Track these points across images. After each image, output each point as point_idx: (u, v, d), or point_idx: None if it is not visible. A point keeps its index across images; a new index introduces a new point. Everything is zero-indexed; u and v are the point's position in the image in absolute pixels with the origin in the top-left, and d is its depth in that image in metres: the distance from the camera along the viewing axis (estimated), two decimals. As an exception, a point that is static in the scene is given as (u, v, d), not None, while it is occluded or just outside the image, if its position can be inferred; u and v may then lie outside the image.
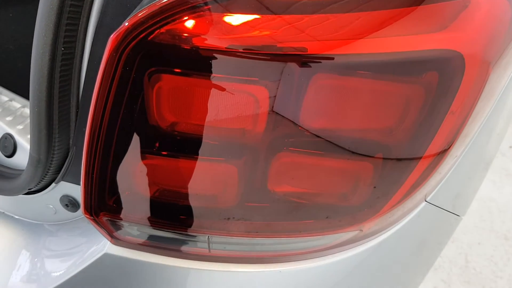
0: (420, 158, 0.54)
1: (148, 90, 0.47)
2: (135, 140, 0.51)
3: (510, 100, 0.79)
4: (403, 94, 0.49)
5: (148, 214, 0.57)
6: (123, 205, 0.57)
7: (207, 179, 0.54)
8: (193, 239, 0.60)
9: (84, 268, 0.67)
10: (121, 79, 0.46)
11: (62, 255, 0.76)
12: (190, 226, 0.58)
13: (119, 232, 0.62)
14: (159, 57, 0.46)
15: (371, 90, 0.48)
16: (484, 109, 0.64)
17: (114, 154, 0.52)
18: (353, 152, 0.52)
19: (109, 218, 0.59)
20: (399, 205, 0.59)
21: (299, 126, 0.50)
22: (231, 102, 0.48)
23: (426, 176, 0.58)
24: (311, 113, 0.49)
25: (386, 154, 0.53)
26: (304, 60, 0.46)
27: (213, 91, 0.47)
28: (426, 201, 0.68)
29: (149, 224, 0.58)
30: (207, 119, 0.49)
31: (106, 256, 0.65)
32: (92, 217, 0.59)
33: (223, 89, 0.47)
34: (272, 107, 0.48)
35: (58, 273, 0.72)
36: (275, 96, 0.48)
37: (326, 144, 0.51)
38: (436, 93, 0.49)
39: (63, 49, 0.58)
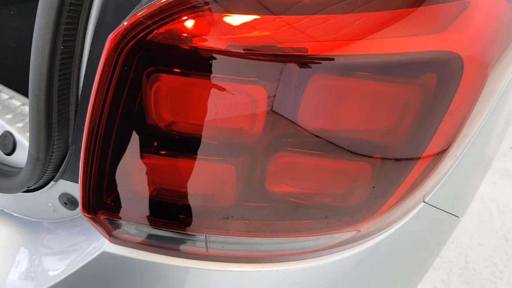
0: (419, 158, 0.54)
1: (147, 90, 0.47)
2: (133, 139, 0.51)
3: (510, 101, 0.79)
4: (402, 95, 0.49)
5: (146, 213, 0.57)
6: (121, 204, 0.58)
7: (205, 179, 0.54)
8: (190, 238, 0.60)
9: (82, 266, 0.67)
10: (120, 78, 0.46)
11: (61, 253, 0.76)
12: (187, 225, 0.58)
13: (117, 230, 0.62)
14: (158, 57, 0.46)
15: (369, 91, 0.48)
16: (484, 110, 0.64)
17: (112, 152, 0.52)
18: (351, 153, 0.52)
19: (107, 217, 0.59)
20: (398, 206, 0.59)
21: (298, 126, 0.50)
22: (229, 102, 0.48)
23: (425, 177, 0.58)
24: (309, 113, 0.49)
25: (385, 154, 0.53)
26: (303, 60, 0.46)
27: (212, 91, 0.47)
28: (424, 201, 0.68)
29: (147, 223, 0.58)
30: (205, 118, 0.49)
31: (104, 255, 0.65)
32: (90, 216, 0.59)
33: (221, 89, 0.47)
34: (271, 107, 0.48)
35: (56, 271, 0.72)
36: (274, 96, 0.48)
37: (325, 144, 0.51)
38: (435, 94, 0.49)
39: (62, 47, 0.58)
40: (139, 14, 0.45)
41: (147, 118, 0.49)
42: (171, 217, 0.58)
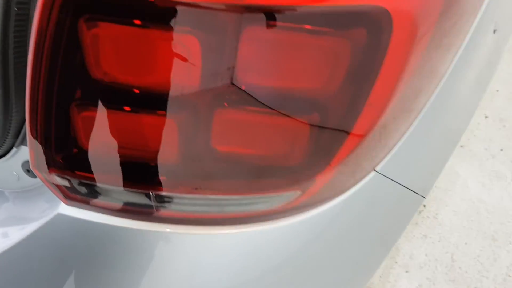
0: (354, 119, 0.55)
1: (83, 39, 0.48)
2: (74, 92, 0.52)
3: (470, 74, 0.79)
4: (332, 49, 0.50)
5: (93, 170, 0.58)
6: (70, 161, 0.58)
7: (146, 134, 0.55)
8: (137, 198, 0.61)
9: (37, 230, 0.68)
10: (57, 26, 0.47)
11: (25, 221, 0.77)
12: (132, 183, 0.58)
13: (70, 190, 0.62)
14: (95, 4, 0.47)
15: (300, 44, 0.49)
16: (428, 87, 0.64)
17: (56, 107, 0.53)
18: (288, 111, 0.53)
19: (58, 175, 0.60)
20: (339, 168, 0.60)
21: (233, 82, 0.51)
22: (164, 54, 0.49)
23: (363, 139, 0.58)
24: (243, 68, 0.50)
25: (320, 113, 0.54)
26: (235, 10, 0.47)
27: (147, 41, 0.48)
28: (375, 170, 0.69)
29: (94, 181, 0.59)
30: (142, 71, 0.50)
31: (59, 217, 0.66)
32: (41, 174, 0.60)
33: (156, 40, 0.48)
34: (205, 60, 0.49)
35: (15, 237, 0.73)
36: (209, 48, 0.49)
37: (261, 102, 0.52)
38: (365, 49, 0.50)
39: (16, 9, 0.59)
40: None
41: (86, 69, 0.50)
42: (117, 174, 0.58)
